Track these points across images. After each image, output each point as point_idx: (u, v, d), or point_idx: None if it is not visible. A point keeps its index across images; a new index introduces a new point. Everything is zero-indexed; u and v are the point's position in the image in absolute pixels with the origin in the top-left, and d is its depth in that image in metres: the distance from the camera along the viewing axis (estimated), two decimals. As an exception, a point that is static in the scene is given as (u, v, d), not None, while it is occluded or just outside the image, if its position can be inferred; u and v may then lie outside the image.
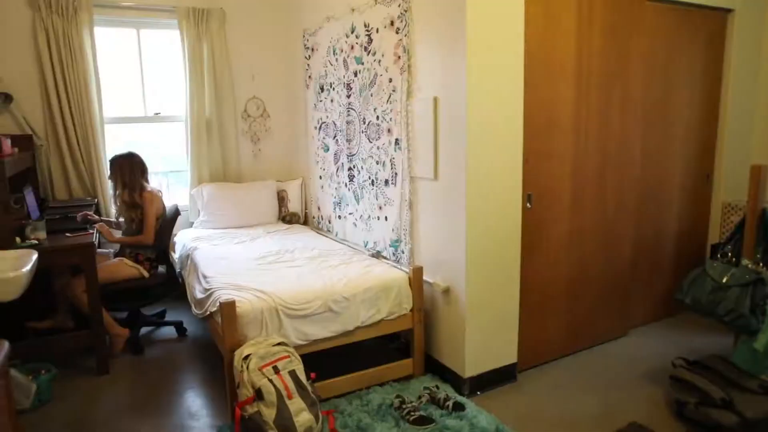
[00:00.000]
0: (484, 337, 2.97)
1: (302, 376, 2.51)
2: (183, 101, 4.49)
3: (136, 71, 4.50)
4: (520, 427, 2.67)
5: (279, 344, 2.57)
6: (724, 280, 2.72)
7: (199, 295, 3.10)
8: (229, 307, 2.57)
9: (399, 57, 3.16)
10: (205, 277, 3.17)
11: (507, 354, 3.08)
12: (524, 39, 2.84)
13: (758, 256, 2.74)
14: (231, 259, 3.50)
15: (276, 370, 2.44)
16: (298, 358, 2.57)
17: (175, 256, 4.17)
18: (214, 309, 2.79)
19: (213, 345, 3.54)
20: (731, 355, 2.86)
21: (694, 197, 3.99)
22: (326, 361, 2.87)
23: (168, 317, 4.17)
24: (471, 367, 2.95)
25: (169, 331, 4.01)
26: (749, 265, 2.73)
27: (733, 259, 2.86)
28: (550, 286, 3.25)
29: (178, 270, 4.04)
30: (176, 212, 4.00)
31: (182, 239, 4.20)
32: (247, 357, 2.46)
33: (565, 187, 3.20)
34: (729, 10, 3.82)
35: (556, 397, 2.96)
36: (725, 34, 3.88)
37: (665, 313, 4.02)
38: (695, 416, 2.59)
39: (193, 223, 4.60)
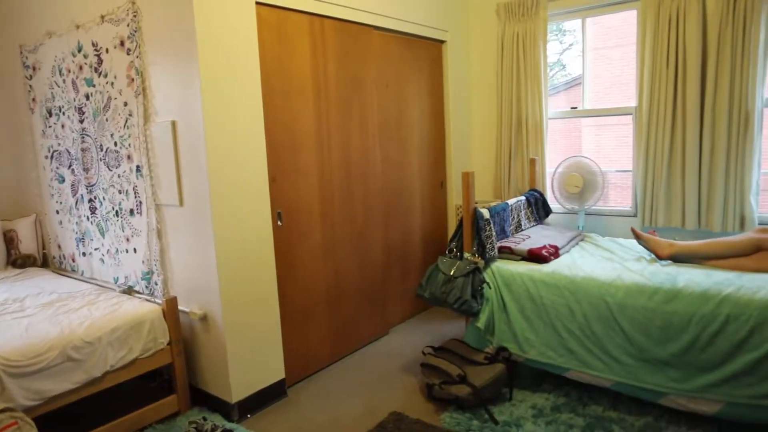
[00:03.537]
0: (248, 359, 2.95)
1: (37, 442, 2.20)
2: None
3: None
4: (289, 440, 2.73)
5: (2, 411, 2.20)
6: (452, 273, 3.15)
7: None
8: (-76, 379, 2.12)
9: (132, 79, 2.99)
10: None
11: (274, 371, 3.11)
12: (260, 62, 2.93)
13: (474, 249, 3.24)
14: (-66, 320, 2.89)
15: (-1, 443, 2.11)
16: (31, 422, 2.25)
17: None
18: None
19: None
20: (464, 336, 3.31)
21: (433, 202, 4.55)
22: (76, 416, 2.55)
23: None
24: (238, 391, 2.91)
25: None
26: (469, 257, 3.21)
27: (458, 254, 3.33)
28: (309, 299, 3.38)
29: None
30: None
31: None
32: (-47, 436, 2.07)
33: (313, 201, 3.36)
34: (442, 41, 4.46)
35: (326, 404, 3.09)
36: (442, 61, 4.52)
37: (419, 308, 4.50)
38: (441, 395, 2.95)
39: None
